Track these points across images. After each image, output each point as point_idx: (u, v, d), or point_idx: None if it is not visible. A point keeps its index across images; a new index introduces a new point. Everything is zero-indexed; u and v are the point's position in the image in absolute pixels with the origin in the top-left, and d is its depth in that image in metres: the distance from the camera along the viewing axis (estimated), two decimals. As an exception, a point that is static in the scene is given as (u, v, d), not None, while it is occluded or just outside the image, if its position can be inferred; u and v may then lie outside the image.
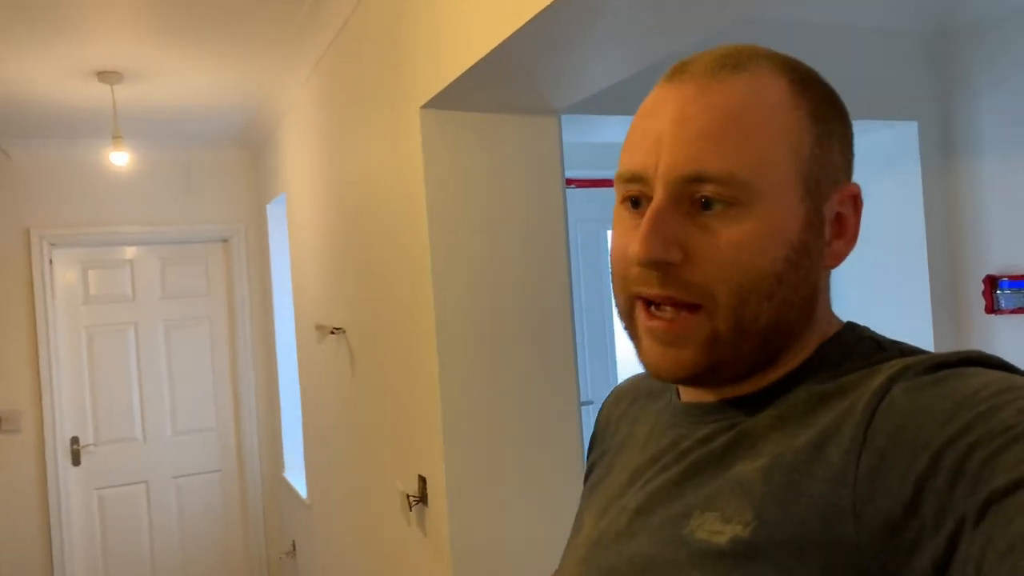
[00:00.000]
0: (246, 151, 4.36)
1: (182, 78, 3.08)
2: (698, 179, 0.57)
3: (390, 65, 2.02)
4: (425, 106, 1.81)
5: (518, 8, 1.33)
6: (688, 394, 0.68)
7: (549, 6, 1.24)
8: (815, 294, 0.61)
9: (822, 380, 0.58)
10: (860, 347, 0.60)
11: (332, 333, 2.68)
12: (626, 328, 0.65)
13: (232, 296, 4.44)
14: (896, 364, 0.55)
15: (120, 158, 3.14)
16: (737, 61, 0.60)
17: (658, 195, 0.59)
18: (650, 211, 0.58)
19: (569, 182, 3.57)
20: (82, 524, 4.15)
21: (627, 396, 0.81)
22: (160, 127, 3.82)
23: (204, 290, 4.42)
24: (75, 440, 4.12)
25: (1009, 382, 0.49)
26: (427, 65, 1.78)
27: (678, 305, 0.59)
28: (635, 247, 0.58)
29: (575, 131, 2.80)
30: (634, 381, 0.83)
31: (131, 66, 2.91)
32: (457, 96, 1.77)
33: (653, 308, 0.61)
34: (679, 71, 0.61)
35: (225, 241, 4.44)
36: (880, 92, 2.65)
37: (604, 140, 3.38)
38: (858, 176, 0.65)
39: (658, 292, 0.60)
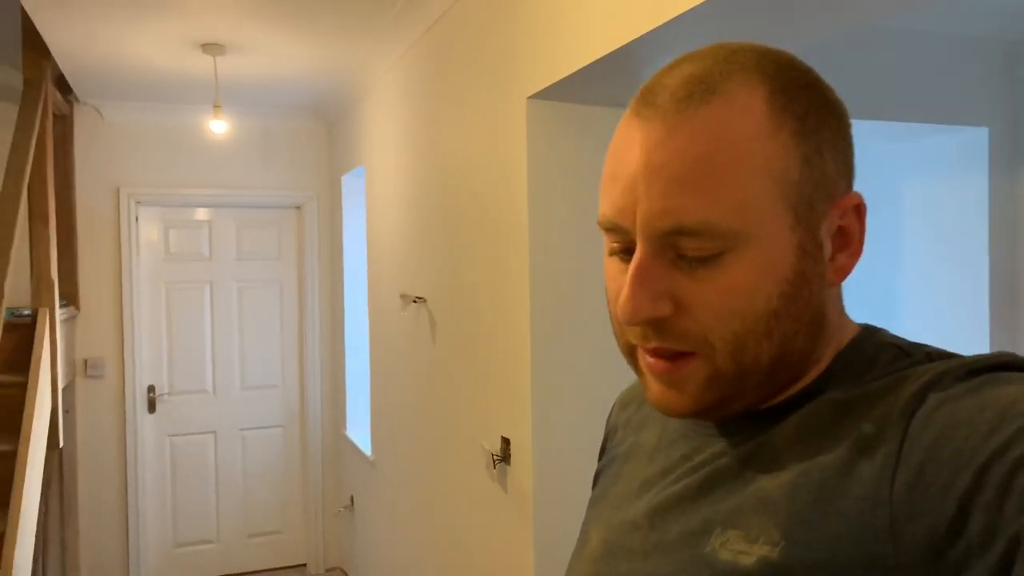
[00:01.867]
0: (321, 123, 4.53)
1: (277, 52, 3.24)
2: (677, 232, 0.54)
3: (496, 54, 2.16)
4: (533, 96, 1.95)
5: (653, 10, 1.46)
6: None
7: (685, 12, 1.37)
8: (821, 314, 0.58)
9: (845, 391, 0.56)
10: (883, 354, 0.57)
11: (414, 302, 2.85)
12: (630, 365, 0.64)
13: (303, 261, 4.64)
14: (929, 371, 0.52)
15: (219, 126, 3.32)
16: (707, 84, 0.55)
17: (640, 250, 0.56)
18: (633, 267, 0.56)
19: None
20: (155, 467, 4.41)
21: (633, 401, 0.77)
22: (245, 97, 4.00)
23: (276, 254, 4.63)
24: (151, 388, 4.38)
25: None
26: (539, 57, 1.92)
27: (675, 354, 0.58)
28: (621, 307, 0.56)
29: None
30: (639, 385, 0.78)
31: (233, 40, 3.08)
32: (567, 89, 1.90)
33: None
34: (646, 102, 0.57)
35: (298, 208, 4.63)
36: (953, 98, 2.73)
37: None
38: (922, 177, 0.68)
39: (652, 346, 0.58)
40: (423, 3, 2.61)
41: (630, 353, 0.62)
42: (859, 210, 0.58)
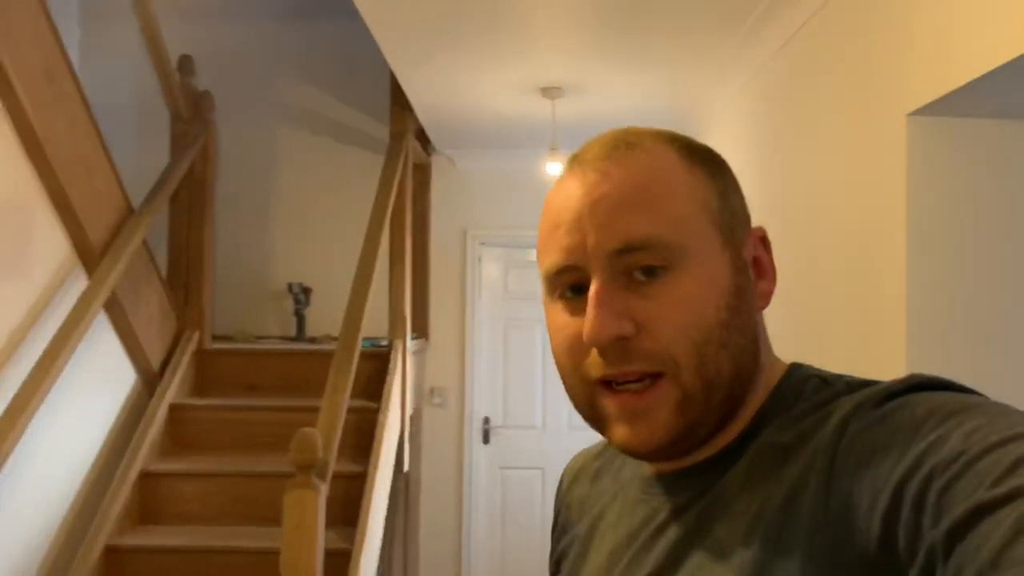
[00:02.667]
0: (656, 160, 4.42)
1: (616, 90, 3.20)
2: (627, 249, 0.58)
3: (865, 69, 1.84)
4: (915, 113, 1.60)
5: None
6: (652, 465, 0.67)
7: None
8: (757, 337, 0.62)
9: (780, 427, 0.59)
10: (807, 386, 0.61)
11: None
12: (589, 419, 0.64)
13: (632, 302, 4.55)
14: (848, 402, 0.55)
15: (556, 168, 3.36)
16: (627, 141, 0.62)
17: (596, 275, 0.59)
18: (592, 292, 0.59)
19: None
20: (487, 497, 4.58)
21: (584, 475, 0.79)
22: (582, 137, 4.03)
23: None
24: (486, 420, 4.56)
25: (952, 405, 0.50)
26: (922, 68, 1.57)
27: (642, 377, 0.59)
28: (587, 330, 0.58)
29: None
30: (587, 457, 0.81)
31: (572, 81, 3.09)
32: (958, 102, 1.53)
33: (615, 385, 0.60)
34: (576, 163, 0.64)
35: (629, 248, 4.57)
36: None
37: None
38: None
39: (621, 369, 0.59)
40: (775, 19, 2.36)
41: (590, 404, 0.62)
42: (765, 242, 0.65)
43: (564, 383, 0.64)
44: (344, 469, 3.14)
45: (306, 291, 4.23)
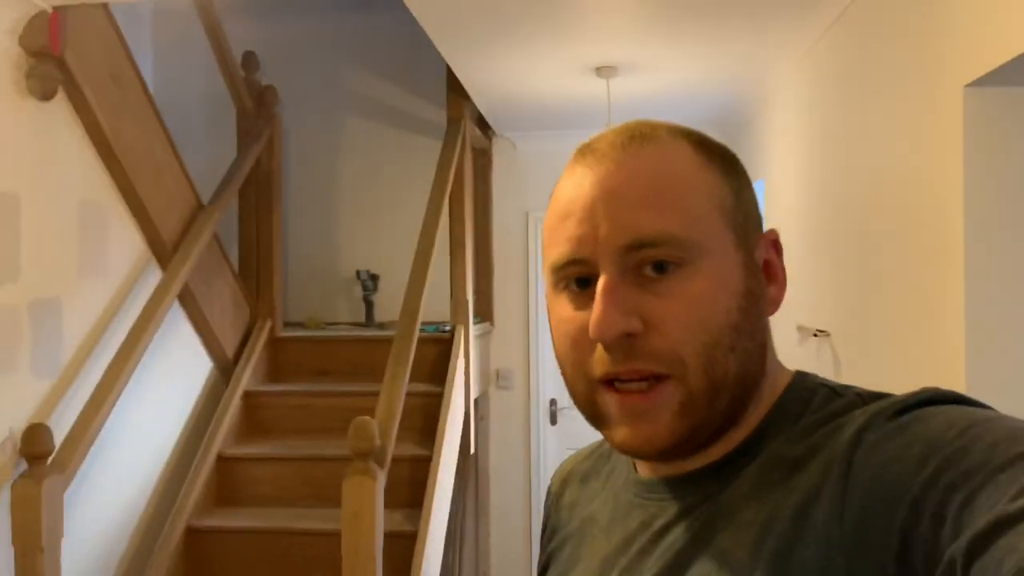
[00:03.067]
0: (720, 137, 4.31)
1: (670, 68, 3.13)
2: (640, 245, 0.57)
3: (920, 40, 1.75)
4: (971, 84, 1.52)
5: None
6: (649, 469, 0.65)
7: None
8: (765, 342, 0.61)
9: (788, 437, 0.57)
10: (816, 396, 0.59)
11: (815, 336, 2.48)
12: (589, 417, 0.62)
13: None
14: (862, 414, 0.54)
15: (611, 148, 3.32)
16: (641, 133, 0.61)
17: (605, 269, 0.58)
18: (600, 286, 0.57)
19: None
20: (555, 478, 4.60)
21: (575, 477, 0.77)
22: (645, 116, 3.96)
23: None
24: (553, 402, 4.58)
25: (969, 418, 0.49)
26: (978, 37, 1.48)
27: (647, 377, 0.57)
28: (593, 325, 0.56)
29: None
30: (576, 460, 0.80)
31: (626, 60, 3.04)
32: (1014, 72, 1.44)
33: (618, 384, 0.58)
34: (588, 152, 0.62)
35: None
36: None
37: None
38: None
39: (626, 367, 0.57)
40: (828, -10, 2.26)
41: (590, 401, 0.61)
42: (777, 246, 0.63)
43: (565, 379, 0.63)
44: (409, 452, 3.21)
45: (374, 278, 4.31)
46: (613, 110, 3.35)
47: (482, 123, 4.22)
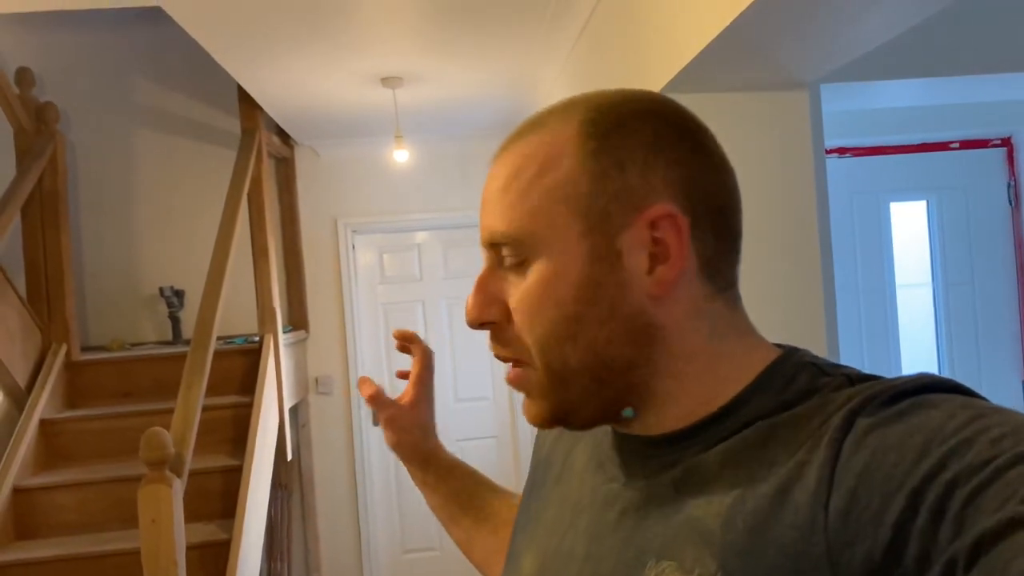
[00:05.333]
0: (515, 138, 4.59)
1: (452, 79, 3.33)
2: (492, 244, 0.61)
3: (627, 53, 2.03)
4: (661, 91, 1.80)
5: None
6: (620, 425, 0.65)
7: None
8: (649, 324, 0.58)
9: (769, 410, 0.56)
10: (802, 373, 0.57)
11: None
12: None
13: (504, 275, 4.73)
14: (855, 395, 0.52)
15: (401, 155, 3.49)
16: (538, 121, 0.62)
17: (485, 261, 0.63)
18: (476, 278, 0.63)
19: (842, 151, 3.33)
20: (381, 477, 4.72)
21: None
22: (436, 122, 4.17)
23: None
24: (375, 403, 4.68)
25: (973, 410, 0.47)
26: (662, 49, 1.77)
27: (512, 361, 0.62)
28: (466, 314, 0.63)
29: (845, 99, 2.61)
30: None
31: (410, 71, 3.21)
32: (695, 78, 1.74)
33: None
34: (501, 146, 0.64)
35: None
36: None
37: (881, 105, 3.10)
38: None
39: (495, 352, 0.63)
40: (568, 9, 2.53)
41: None
42: (673, 222, 0.57)
43: None
44: (220, 464, 3.23)
45: (178, 294, 4.24)
46: (402, 118, 3.51)
47: (282, 132, 4.26)
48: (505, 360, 0.63)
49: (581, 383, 0.59)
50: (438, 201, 4.62)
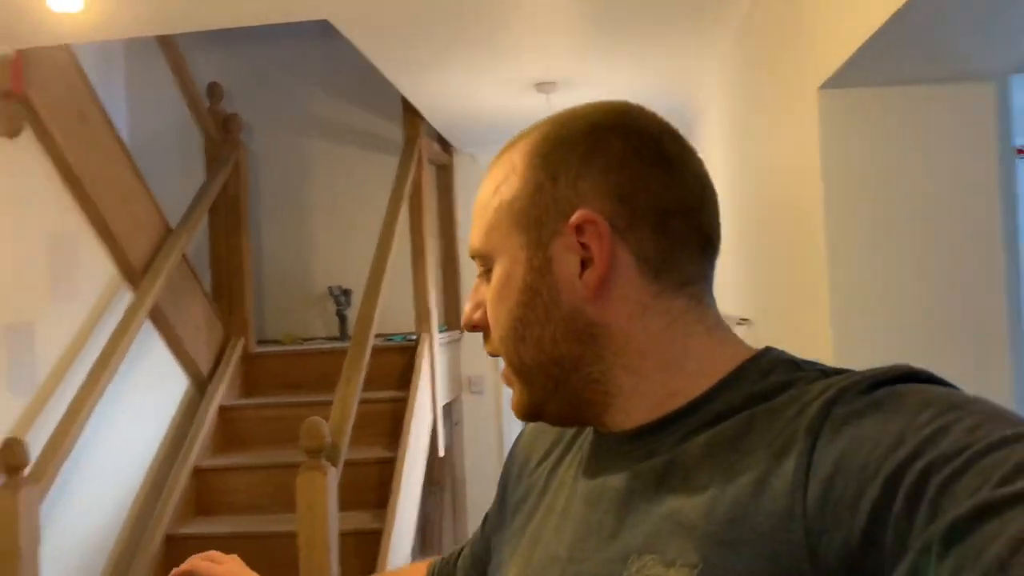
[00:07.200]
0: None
1: (606, 82, 3.32)
2: (472, 256, 0.68)
3: (788, 46, 1.93)
4: (824, 86, 1.70)
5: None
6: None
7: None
8: (591, 324, 0.61)
9: (742, 400, 0.57)
10: (778, 367, 0.59)
11: (739, 324, 2.65)
12: None
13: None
14: (831, 386, 0.53)
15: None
16: (509, 144, 0.66)
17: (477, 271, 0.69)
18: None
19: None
20: (530, 479, 4.75)
21: (551, 430, 0.77)
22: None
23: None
24: (526, 405, 4.74)
25: (947, 399, 0.48)
26: (824, 41, 1.67)
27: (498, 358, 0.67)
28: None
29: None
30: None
31: (563, 76, 3.23)
32: (861, 71, 1.62)
33: None
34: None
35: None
36: None
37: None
38: None
39: (487, 351, 0.68)
40: (728, 7, 2.44)
41: None
42: (594, 226, 0.60)
43: None
44: (377, 455, 3.38)
45: (346, 292, 4.49)
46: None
47: (442, 140, 4.41)
48: (493, 356, 0.68)
49: (540, 379, 0.64)
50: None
